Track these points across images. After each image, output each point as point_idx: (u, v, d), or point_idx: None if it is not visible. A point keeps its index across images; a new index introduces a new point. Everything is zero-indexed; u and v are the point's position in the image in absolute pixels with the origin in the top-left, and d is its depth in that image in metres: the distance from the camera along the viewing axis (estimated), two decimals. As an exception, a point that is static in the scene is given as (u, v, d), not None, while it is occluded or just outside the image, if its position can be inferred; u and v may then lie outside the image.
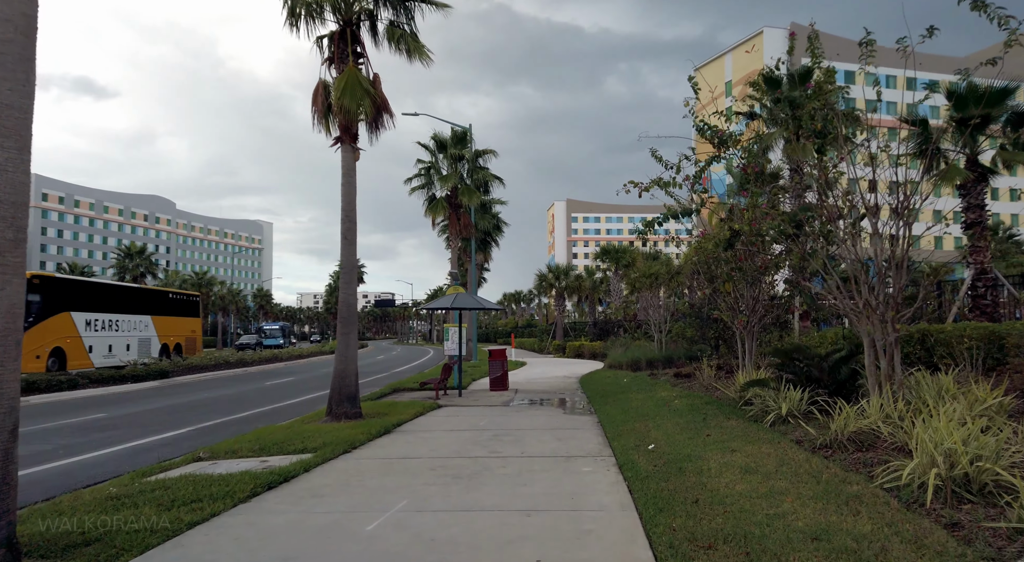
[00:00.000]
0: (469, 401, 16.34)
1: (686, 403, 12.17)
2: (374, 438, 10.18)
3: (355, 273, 12.81)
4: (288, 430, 10.88)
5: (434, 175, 26.67)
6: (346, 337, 12.56)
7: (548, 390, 18.94)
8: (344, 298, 12.64)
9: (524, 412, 13.78)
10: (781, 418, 8.77)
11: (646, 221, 13.05)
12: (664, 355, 22.94)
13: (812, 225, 11.79)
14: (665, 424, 10.07)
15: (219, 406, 17.25)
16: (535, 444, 9.45)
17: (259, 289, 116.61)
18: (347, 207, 12.69)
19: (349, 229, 12.69)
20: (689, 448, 7.84)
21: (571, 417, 12.79)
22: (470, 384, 21.42)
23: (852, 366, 9.09)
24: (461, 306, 17.35)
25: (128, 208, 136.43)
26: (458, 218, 27.02)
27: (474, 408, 14.73)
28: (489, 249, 39.06)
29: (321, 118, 12.58)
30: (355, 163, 12.77)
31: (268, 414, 15.46)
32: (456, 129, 26.42)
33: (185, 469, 8.01)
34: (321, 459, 8.28)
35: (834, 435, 7.10)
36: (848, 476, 5.78)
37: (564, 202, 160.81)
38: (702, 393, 13.75)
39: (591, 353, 36.22)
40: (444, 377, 17.74)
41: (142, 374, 24.59)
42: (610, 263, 47.55)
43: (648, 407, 12.49)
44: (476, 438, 10.12)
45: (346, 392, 12.32)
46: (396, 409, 13.73)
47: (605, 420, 11.62)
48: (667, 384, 16.94)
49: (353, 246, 12.76)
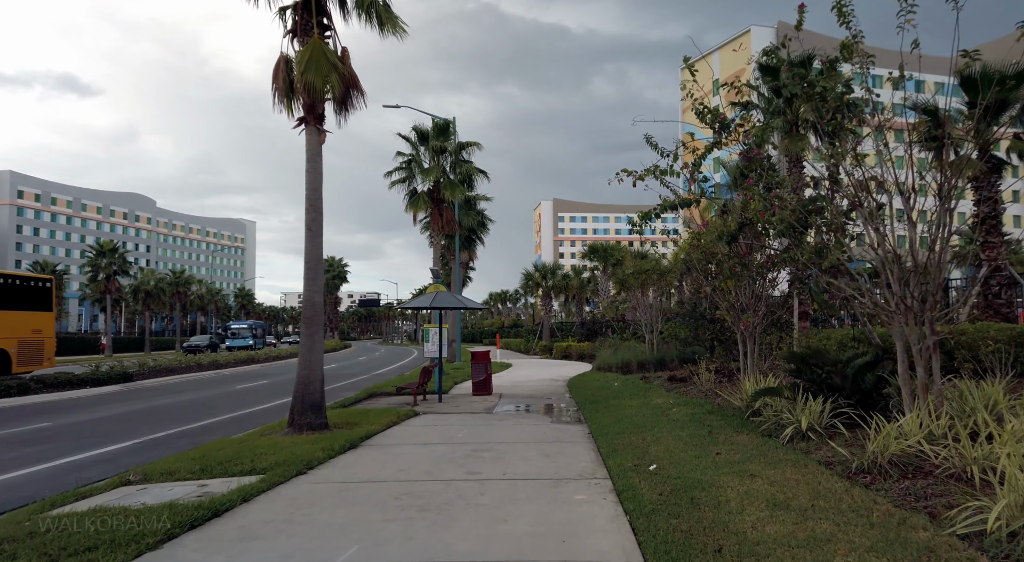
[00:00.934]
0: (449, 407, 15.15)
1: (686, 412, 11.06)
2: (336, 455, 8.96)
3: (321, 268, 11.58)
4: (241, 445, 9.63)
5: (415, 168, 25.41)
6: (310, 339, 11.32)
7: (534, 394, 17.79)
8: (308, 296, 11.41)
9: (508, 421, 12.61)
10: (800, 433, 7.66)
11: (641, 213, 11.93)
12: (656, 357, 21.86)
13: (823, 216, 10.74)
14: (665, 437, 8.94)
15: (179, 413, 15.93)
16: (519, 462, 8.28)
17: (240, 288, 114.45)
18: (312, 195, 11.46)
19: (314, 219, 11.46)
20: (698, 471, 6.70)
21: (559, 427, 11.65)
22: (452, 388, 20.23)
23: (878, 373, 8.00)
24: (441, 305, 16.15)
25: (107, 206, 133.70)
26: (441, 214, 25.79)
27: (454, 416, 13.54)
28: (474, 247, 37.82)
29: (283, 96, 11.33)
30: (321, 146, 11.54)
31: (230, 423, 14.18)
32: (438, 120, 25.19)
33: (103, 498, 6.75)
34: (268, 484, 7.06)
35: (871, 457, 5.99)
36: (907, 517, 4.65)
37: (551, 202, 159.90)
38: (701, 400, 12.65)
39: (579, 354, 35.13)
40: (423, 381, 16.53)
41: (103, 377, 23.13)
42: (598, 262, 46.45)
43: (644, 416, 11.36)
44: (452, 454, 8.94)
45: (310, 400, 11.09)
46: (368, 418, 12.52)
47: (597, 431, 10.48)
48: (661, 389, 15.84)
49: (319, 238, 11.53)
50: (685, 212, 14.02)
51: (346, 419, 12.31)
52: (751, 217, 10.42)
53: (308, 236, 11.45)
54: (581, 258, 50.78)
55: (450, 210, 26.40)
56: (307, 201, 11.47)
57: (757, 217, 10.36)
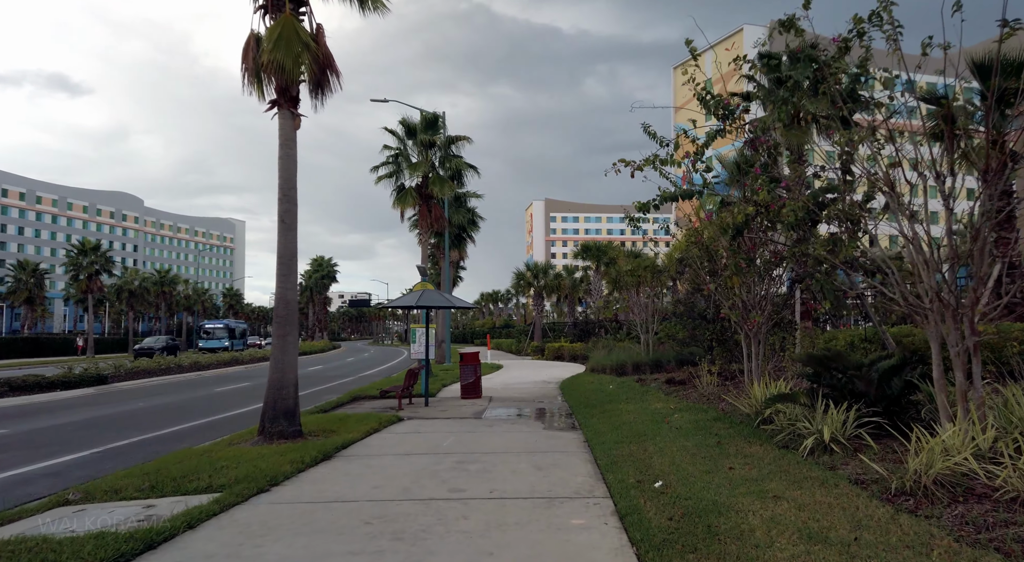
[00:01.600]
0: (436, 412, 14.30)
1: (689, 419, 10.26)
2: (306, 468, 8.10)
3: (295, 264, 10.71)
4: (203, 456, 8.76)
5: (403, 163, 24.51)
6: (283, 340, 10.46)
7: (526, 398, 16.97)
8: (281, 293, 10.54)
9: (497, 427, 11.79)
10: (821, 445, 6.86)
11: (639, 204, 11.13)
12: (652, 358, 21.08)
13: (836, 207, 9.98)
14: (670, 448, 8.13)
15: (148, 419, 15.01)
16: (508, 477, 7.45)
17: (229, 288, 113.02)
18: (285, 185, 10.60)
19: (288, 211, 10.60)
20: (712, 489, 5.90)
21: (552, 434, 10.83)
22: (440, 391, 19.38)
23: (905, 377, 7.22)
24: (427, 304, 15.31)
25: (93, 205, 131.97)
26: (429, 210, 24.91)
27: (440, 421, 12.70)
28: (464, 245, 36.94)
29: (252, 77, 10.46)
30: (295, 132, 10.68)
31: (202, 429, 13.28)
32: (427, 114, 24.33)
33: (28, 524, 5.88)
34: (221, 505, 6.20)
35: (914, 476, 5.20)
36: (977, 558, 3.85)
37: (543, 202, 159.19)
38: (703, 405, 11.86)
39: (571, 355, 34.36)
40: (408, 384, 15.68)
41: (75, 380, 22.11)
42: (591, 261, 45.67)
43: (643, 423, 10.56)
44: (435, 467, 8.10)
45: (282, 407, 10.22)
46: (347, 424, 11.66)
47: (593, 439, 9.67)
48: (659, 392, 15.05)
49: (293, 232, 10.67)
50: (678, 212, 13.27)
51: (323, 426, 11.44)
52: (763, 200, 9.63)
53: (281, 229, 10.58)
54: (574, 257, 49.97)
55: (439, 206, 25.54)
56: (280, 191, 10.60)
57: (765, 209, 9.58)
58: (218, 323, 61.45)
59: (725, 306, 11.62)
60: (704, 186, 11.40)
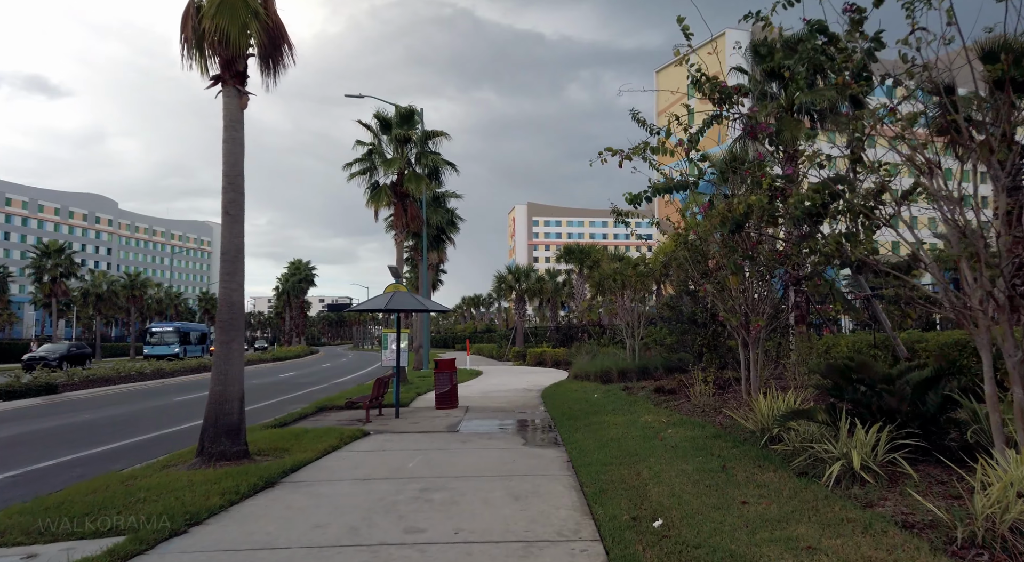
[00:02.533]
0: (406, 424, 13.10)
1: (685, 435, 9.16)
2: (240, 499, 6.88)
3: (241, 261, 9.47)
4: (123, 485, 7.49)
5: (376, 159, 23.24)
6: (226, 348, 9.20)
7: (505, 408, 15.81)
8: (225, 295, 9.29)
9: (472, 443, 10.62)
10: (849, 472, 5.77)
11: (629, 195, 10.05)
12: (638, 365, 20.04)
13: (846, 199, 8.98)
14: (667, 472, 7.02)
15: (89, 434, 13.63)
16: (479, 510, 6.29)
17: (204, 292, 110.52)
18: (231, 172, 9.36)
19: (233, 201, 9.36)
20: (725, 534, 4.78)
21: (532, 452, 9.68)
22: (413, 400, 18.17)
23: (943, 391, 6.17)
24: (397, 307, 14.10)
25: (65, 207, 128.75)
26: (405, 209, 23.68)
27: (409, 436, 11.51)
28: (443, 247, 35.69)
29: (192, 49, 9.22)
30: (242, 112, 9.45)
31: (144, 446, 11.95)
32: (402, 108, 23.13)
33: None
34: (115, 556, 4.97)
35: (985, 523, 4.11)
36: None
37: (525, 205, 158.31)
38: (699, 419, 10.78)
39: (553, 361, 33.25)
40: (377, 394, 14.45)
41: (21, 389, 20.53)
42: (574, 264, 44.60)
43: (633, 439, 9.45)
44: (395, 496, 6.92)
45: (224, 424, 8.97)
46: (303, 441, 10.43)
47: (578, 459, 8.53)
48: (648, 402, 13.97)
49: (239, 225, 9.43)
50: (660, 214, 12.19)
51: (276, 444, 10.20)
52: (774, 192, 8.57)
53: (226, 221, 9.34)
54: (556, 260, 48.89)
55: (415, 205, 24.31)
56: (225, 178, 9.36)
57: (764, 199, 8.54)
58: (167, 325, 53.14)
59: (722, 309, 10.56)
60: (699, 176, 10.36)
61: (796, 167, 17.96)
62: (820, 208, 9.31)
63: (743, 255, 9.49)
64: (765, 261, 9.53)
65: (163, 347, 49.76)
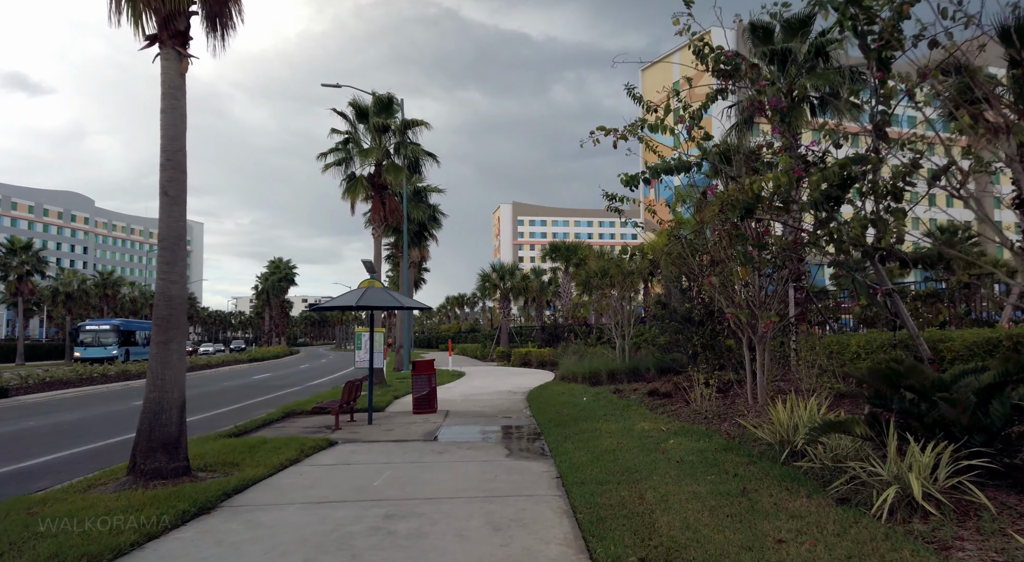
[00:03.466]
0: (379, 432, 11.94)
1: (690, 447, 8.07)
2: (162, 533, 5.67)
3: (182, 250, 8.24)
4: (24, 513, 6.24)
5: (353, 149, 21.96)
6: (164, 349, 7.97)
7: (487, 412, 14.68)
8: (163, 288, 8.06)
9: (449, 454, 9.48)
10: (906, 501, 4.70)
11: (625, 177, 8.95)
12: (628, 366, 18.98)
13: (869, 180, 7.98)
14: (675, 495, 5.92)
15: (26, 443, 12.32)
16: (451, 546, 5.15)
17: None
18: (170, 146, 8.14)
19: (173, 180, 8.13)
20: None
21: (516, 465, 8.56)
22: (390, 404, 16.99)
23: (1011, 400, 5.11)
24: (370, 304, 12.91)
25: (39, 205, 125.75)
26: (383, 202, 22.43)
27: (380, 446, 10.36)
28: (425, 244, 34.43)
29: (124, 2, 7.98)
30: (183, 78, 8.23)
31: (81, 459, 10.69)
32: (380, 95, 21.89)
33: None
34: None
35: None
36: None
37: (510, 205, 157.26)
38: (701, 426, 9.70)
39: (539, 361, 32.15)
40: (347, 398, 13.26)
41: (-35, 394, 19.07)
42: (560, 262, 43.50)
43: (631, 451, 8.35)
44: (351, 526, 5.76)
45: (161, 437, 7.75)
46: (259, 453, 9.23)
47: (569, 474, 7.42)
48: (642, 407, 12.90)
49: (180, 207, 8.20)
50: (645, 214, 11.07)
51: (226, 457, 8.99)
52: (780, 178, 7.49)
53: (164, 203, 8.11)
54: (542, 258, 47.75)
55: (394, 198, 23.05)
56: (163, 154, 8.14)
57: (784, 179, 7.46)
58: (103, 323, 45.14)
59: (726, 305, 9.49)
60: (703, 156, 9.27)
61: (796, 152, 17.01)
62: (839, 190, 8.27)
63: (753, 243, 8.41)
64: (780, 250, 8.47)
65: (98, 349, 42.51)
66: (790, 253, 8.69)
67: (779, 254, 8.69)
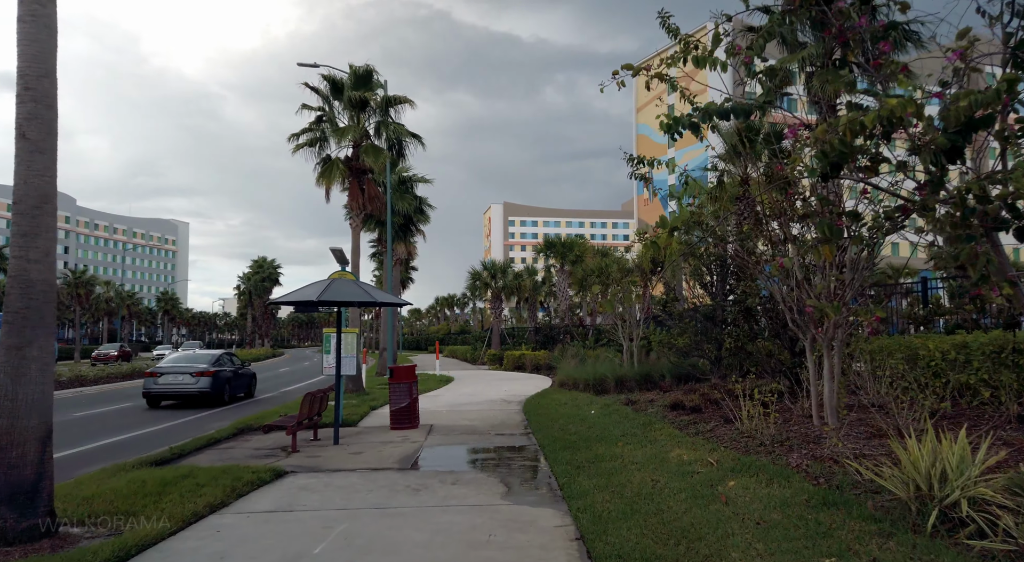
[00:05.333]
0: (344, 456, 9.62)
1: (765, 494, 5.76)
2: None
3: (48, 215, 5.85)
4: None
5: (328, 128, 19.57)
6: (19, 356, 5.58)
7: (478, 428, 12.36)
8: (18, 270, 5.68)
9: (428, 495, 7.16)
10: None
11: (667, 120, 6.66)
12: (639, 372, 16.69)
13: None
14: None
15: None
16: None
17: (164, 292, 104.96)
18: (30, 69, 5.78)
19: (34, 117, 5.76)
20: None
21: (518, 515, 6.24)
22: (366, 415, 14.67)
23: None
24: (334, 299, 10.54)
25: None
26: (362, 188, 20.04)
27: (341, 478, 8.03)
28: (411, 238, 32.00)
29: None
30: (50, -25, 5.86)
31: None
32: (358, 68, 19.51)
33: None
34: None
35: None
36: None
37: (501, 205, 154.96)
38: (761, 456, 7.39)
39: (534, 365, 29.80)
40: (307, 414, 10.89)
41: None
42: (555, 258, 41.16)
43: (676, 496, 6.05)
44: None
45: (11, 482, 5.38)
46: (171, 494, 6.89)
47: (596, 538, 5.12)
48: (666, 424, 10.60)
49: (45, 157, 5.82)
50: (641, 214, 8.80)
51: (122, 502, 6.62)
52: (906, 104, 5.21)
53: (21, 150, 5.73)
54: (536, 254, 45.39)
55: (375, 185, 20.70)
56: (20, 81, 5.77)
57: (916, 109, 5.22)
58: None
59: (794, 297, 7.20)
60: (765, 99, 7.01)
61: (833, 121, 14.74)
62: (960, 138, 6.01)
63: (844, 212, 6.13)
64: (887, 216, 6.17)
65: None
66: (897, 221, 6.41)
67: (889, 221, 6.40)
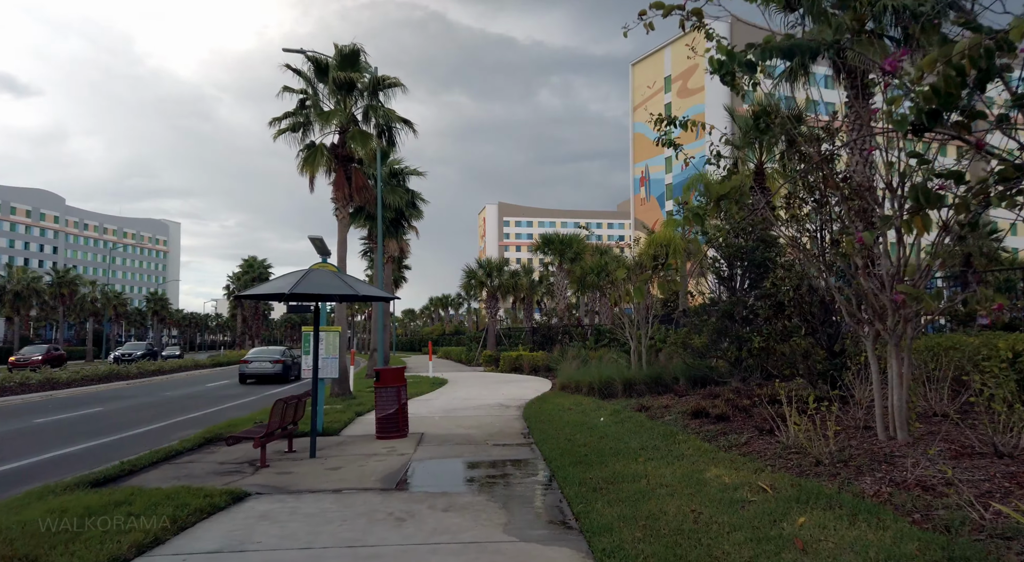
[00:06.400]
0: (319, 472, 8.24)
1: (856, 540, 4.41)
2: None
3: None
4: None
5: (312, 112, 18.16)
6: None
7: (474, 437, 10.99)
8: None
9: (413, 526, 5.80)
10: None
11: (716, 61, 5.35)
12: (648, 374, 15.35)
13: None
14: None
15: None
16: None
17: (153, 293, 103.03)
18: None
19: None
20: None
21: (526, 555, 4.89)
22: (351, 422, 13.31)
23: None
24: (312, 291, 9.13)
25: (7, 203, 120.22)
26: (348, 177, 18.66)
27: (311, 502, 6.65)
28: (404, 234, 30.55)
29: None
30: None
31: None
32: (343, 47, 18.13)
33: None
34: None
35: None
36: None
37: (496, 205, 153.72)
38: (824, 481, 6.03)
39: (532, 366, 28.44)
40: (278, 424, 9.47)
41: None
42: (553, 256, 39.77)
43: (727, 534, 4.71)
44: None
45: None
46: (93, 531, 5.54)
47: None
48: (690, 435, 9.25)
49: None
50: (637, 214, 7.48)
51: (29, 542, 5.23)
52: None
53: None
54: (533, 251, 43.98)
55: (362, 174, 19.30)
56: None
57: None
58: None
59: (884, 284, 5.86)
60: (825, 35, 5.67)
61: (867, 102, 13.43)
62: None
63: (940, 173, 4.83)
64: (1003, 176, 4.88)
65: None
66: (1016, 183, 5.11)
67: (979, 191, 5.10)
